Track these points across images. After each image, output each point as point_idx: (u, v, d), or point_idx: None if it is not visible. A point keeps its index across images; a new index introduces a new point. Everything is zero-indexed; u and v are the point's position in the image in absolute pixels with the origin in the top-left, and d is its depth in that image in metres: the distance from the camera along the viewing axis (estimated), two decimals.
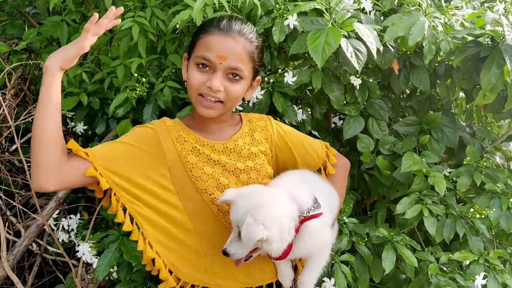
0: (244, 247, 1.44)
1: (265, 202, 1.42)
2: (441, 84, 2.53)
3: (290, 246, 1.47)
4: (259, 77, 1.69)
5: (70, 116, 2.79)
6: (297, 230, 1.47)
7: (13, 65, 2.62)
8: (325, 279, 1.94)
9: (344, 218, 2.15)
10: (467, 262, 2.16)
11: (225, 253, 1.45)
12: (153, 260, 1.60)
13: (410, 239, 2.14)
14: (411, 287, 2.12)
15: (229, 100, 1.55)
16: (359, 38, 1.94)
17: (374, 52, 1.91)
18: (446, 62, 2.44)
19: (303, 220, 1.48)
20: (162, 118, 1.65)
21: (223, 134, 1.65)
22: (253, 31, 1.59)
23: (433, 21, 2.09)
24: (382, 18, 2.27)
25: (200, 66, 1.52)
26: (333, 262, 2.01)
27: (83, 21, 2.73)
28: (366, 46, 1.91)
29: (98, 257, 2.16)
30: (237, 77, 1.52)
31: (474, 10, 2.22)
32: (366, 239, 2.13)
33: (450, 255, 2.12)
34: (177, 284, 1.62)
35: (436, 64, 2.44)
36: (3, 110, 2.41)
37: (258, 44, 1.60)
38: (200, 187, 1.55)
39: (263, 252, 1.50)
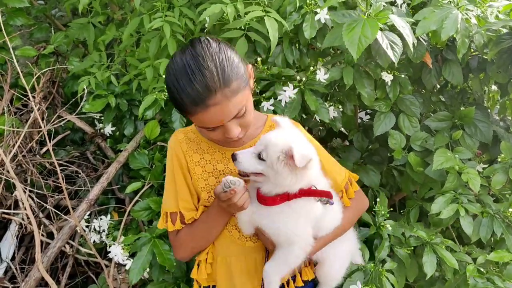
0: (254, 164, 1.41)
1: (311, 148, 1.48)
2: (474, 78, 2.46)
3: (283, 198, 1.45)
4: (249, 65, 1.52)
5: (98, 117, 2.82)
6: (290, 198, 1.45)
7: (43, 70, 2.65)
8: None
9: (385, 222, 2.09)
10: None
11: (234, 156, 1.43)
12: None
13: (450, 241, 2.08)
14: (447, 287, 2.08)
15: (249, 126, 1.53)
16: (392, 30, 1.90)
17: (410, 44, 1.87)
18: (479, 56, 2.38)
19: (310, 191, 1.46)
20: (175, 132, 1.68)
21: (239, 139, 1.55)
22: (215, 71, 1.34)
23: (466, 14, 2.03)
24: (411, 11, 2.22)
25: (209, 129, 1.46)
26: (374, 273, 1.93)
27: (109, 22, 2.75)
28: (402, 38, 1.87)
29: (130, 259, 2.18)
30: (242, 111, 1.43)
31: (509, 1, 2.15)
32: (406, 244, 2.05)
33: (487, 255, 2.06)
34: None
35: (469, 57, 2.38)
36: (34, 113, 2.43)
37: (226, 69, 1.37)
38: (203, 197, 1.60)
39: (259, 184, 1.47)
